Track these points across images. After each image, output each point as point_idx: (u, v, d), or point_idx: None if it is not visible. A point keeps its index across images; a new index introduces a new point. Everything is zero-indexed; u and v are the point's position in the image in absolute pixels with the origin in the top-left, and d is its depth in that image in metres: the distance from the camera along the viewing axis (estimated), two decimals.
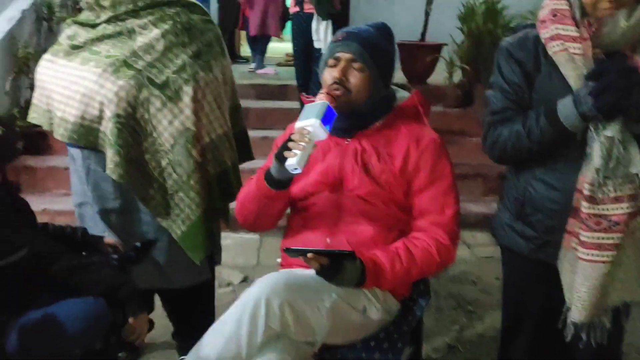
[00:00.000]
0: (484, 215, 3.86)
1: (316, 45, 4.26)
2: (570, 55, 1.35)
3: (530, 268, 1.55)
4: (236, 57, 7.05)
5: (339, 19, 4.37)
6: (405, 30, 5.93)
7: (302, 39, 4.37)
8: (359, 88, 1.55)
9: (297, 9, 4.36)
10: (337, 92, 1.53)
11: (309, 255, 1.36)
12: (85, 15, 1.73)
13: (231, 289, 2.91)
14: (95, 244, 1.61)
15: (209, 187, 1.72)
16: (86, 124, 1.59)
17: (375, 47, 1.58)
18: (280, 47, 8.13)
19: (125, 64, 1.59)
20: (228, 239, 2.65)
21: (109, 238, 1.64)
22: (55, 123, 1.65)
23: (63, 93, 1.62)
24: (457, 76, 4.89)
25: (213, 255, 1.91)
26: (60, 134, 1.62)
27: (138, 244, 1.63)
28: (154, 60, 1.62)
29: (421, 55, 5.03)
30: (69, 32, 1.74)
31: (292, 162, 1.39)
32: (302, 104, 4.53)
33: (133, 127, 1.59)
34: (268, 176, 1.51)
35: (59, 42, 1.75)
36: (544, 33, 1.41)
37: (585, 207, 1.35)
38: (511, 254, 1.60)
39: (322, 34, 4.20)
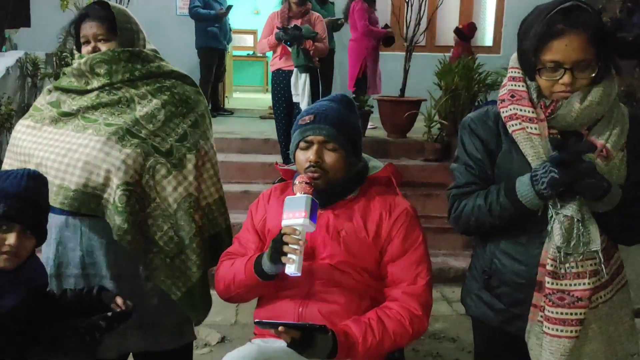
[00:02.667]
0: (464, 270, 3.87)
1: (295, 99, 4.37)
2: (527, 135, 1.40)
3: (499, 339, 1.55)
4: (220, 110, 7.15)
5: (317, 74, 4.52)
6: (386, 85, 6.11)
7: (282, 94, 4.47)
8: (335, 167, 1.59)
9: (277, 66, 4.48)
10: (315, 175, 1.56)
11: (280, 328, 1.37)
12: (68, 82, 1.74)
13: (208, 349, 2.87)
14: (108, 302, 1.57)
15: (205, 248, 1.77)
16: (89, 192, 1.60)
17: (344, 124, 1.62)
18: (264, 100, 8.25)
19: (129, 132, 1.64)
20: None
21: (120, 298, 1.59)
22: (49, 190, 1.59)
23: (60, 161, 1.61)
24: (436, 130, 5.00)
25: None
26: (59, 201, 1.60)
27: (109, 313, 1.60)
28: (156, 129, 1.68)
29: (401, 110, 5.16)
30: (49, 99, 1.75)
31: (292, 270, 1.43)
32: (284, 157, 4.58)
33: (139, 194, 1.63)
34: (259, 270, 1.53)
35: (37, 109, 1.76)
36: (504, 111, 1.45)
37: (549, 283, 1.37)
38: (481, 324, 1.61)
39: (300, 88, 4.31)
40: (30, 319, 1.44)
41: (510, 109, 1.43)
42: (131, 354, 1.92)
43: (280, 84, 4.48)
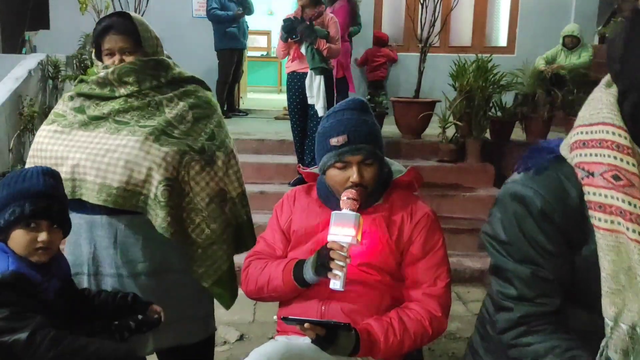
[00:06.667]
0: (478, 271, 3.91)
1: (310, 101, 4.41)
2: (617, 242, 0.98)
3: None
4: (235, 111, 7.21)
5: (332, 75, 4.56)
6: (400, 87, 6.13)
7: (297, 96, 4.52)
8: (374, 181, 1.63)
9: (292, 68, 4.53)
10: (359, 196, 1.58)
11: (306, 325, 1.42)
12: (90, 88, 1.80)
13: (227, 347, 2.93)
14: (143, 310, 1.65)
15: (232, 239, 1.91)
16: (130, 188, 1.69)
17: (375, 136, 1.64)
18: (278, 100, 8.31)
19: (164, 132, 1.74)
20: None
21: (156, 305, 1.67)
22: (89, 189, 1.69)
23: (100, 161, 1.69)
24: (451, 131, 5.02)
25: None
26: (102, 199, 1.67)
27: (140, 316, 1.65)
28: (187, 129, 1.79)
29: (415, 111, 5.18)
30: (73, 105, 1.81)
31: (337, 287, 1.48)
32: (300, 158, 4.64)
33: (177, 189, 1.73)
34: (298, 278, 1.59)
35: (60, 115, 1.81)
36: (592, 193, 1.01)
37: None
38: None
39: (315, 90, 4.35)
40: (67, 312, 1.50)
41: (607, 196, 0.99)
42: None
43: (294, 85, 4.52)
